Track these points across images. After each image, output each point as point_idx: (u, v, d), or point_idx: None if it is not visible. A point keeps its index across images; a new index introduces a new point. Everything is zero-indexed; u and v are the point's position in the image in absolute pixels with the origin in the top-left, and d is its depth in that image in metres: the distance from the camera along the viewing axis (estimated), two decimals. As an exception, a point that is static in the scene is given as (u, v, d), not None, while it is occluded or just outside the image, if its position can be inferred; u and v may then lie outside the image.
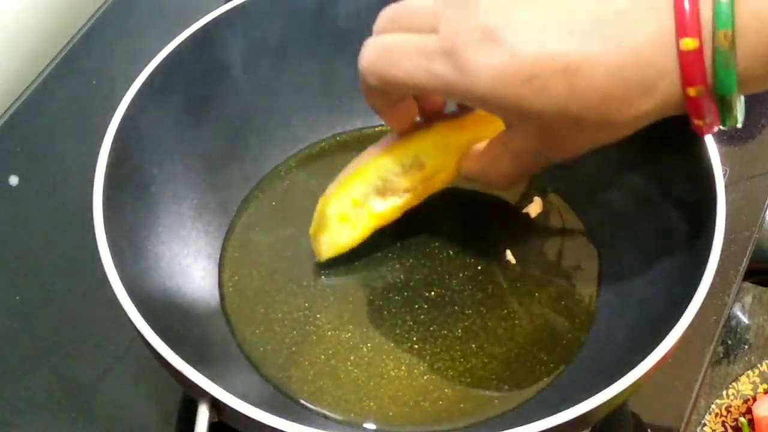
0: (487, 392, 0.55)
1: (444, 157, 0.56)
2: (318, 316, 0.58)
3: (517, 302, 0.59)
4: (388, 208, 0.57)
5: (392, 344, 0.57)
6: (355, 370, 0.56)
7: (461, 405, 0.55)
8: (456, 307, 0.59)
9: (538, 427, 0.44)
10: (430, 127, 0.55)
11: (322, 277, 0.60)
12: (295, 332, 0.58)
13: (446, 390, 0.55)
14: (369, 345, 0.57)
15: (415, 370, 0.56)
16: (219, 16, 0.60)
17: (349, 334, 0.58)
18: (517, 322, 0.58)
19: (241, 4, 0.61)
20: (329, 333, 0.58)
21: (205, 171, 0.62)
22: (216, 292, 0.60)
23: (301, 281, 0.60)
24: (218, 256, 0.61)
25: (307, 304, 0.59)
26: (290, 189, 0.65)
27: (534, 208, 0.62)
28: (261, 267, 0.61)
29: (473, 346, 0.57)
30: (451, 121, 0.55)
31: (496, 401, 0.55)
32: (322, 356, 0.57)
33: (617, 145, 0.45)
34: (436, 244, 0.61)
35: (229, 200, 0.64)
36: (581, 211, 0.63)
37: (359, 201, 0.57)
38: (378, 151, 0.56)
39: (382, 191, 0.57)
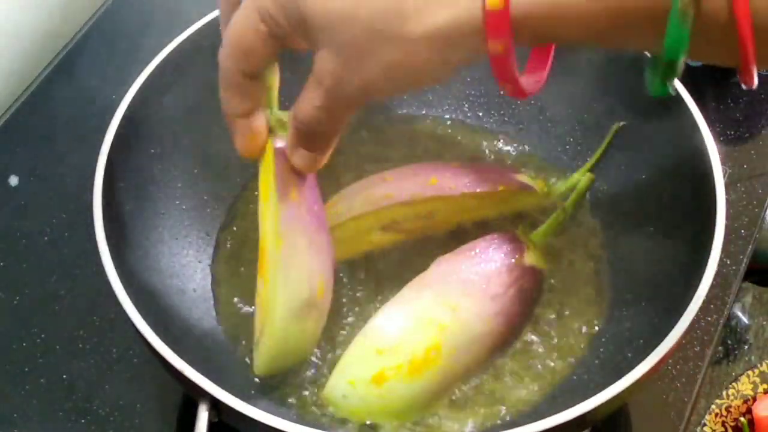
0: (492, 394, 0.55)
1: (453, 217, 0.61)
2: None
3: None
4: (383, 239, 0.60)
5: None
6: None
7: (463, 407, 0.55)
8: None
9: (539, 427, 0.44)
10: (458, 191, 0.59)
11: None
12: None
13: (449, 392, 0.55)
14: (369, 345, 0.57)
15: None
16: (217, 17, 0.60)
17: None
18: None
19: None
20: (329, 334, 0.58)
21: (205, 171, 0.62)
22: (216, 292, 0.60)
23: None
24: (218, 256, 0.61)
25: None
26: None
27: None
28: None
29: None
30: (475, 193, 0.59)
31: (499, 403, 0.55)
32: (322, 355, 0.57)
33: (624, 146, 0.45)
34: (435, 242, 0.61)
35: (229, 200, 0.64)
36: (592, 212, 0.63)
37: (363, 231, 0.59)
38: (401, 196, 0.59)
39: (387, 228, 0.60)
